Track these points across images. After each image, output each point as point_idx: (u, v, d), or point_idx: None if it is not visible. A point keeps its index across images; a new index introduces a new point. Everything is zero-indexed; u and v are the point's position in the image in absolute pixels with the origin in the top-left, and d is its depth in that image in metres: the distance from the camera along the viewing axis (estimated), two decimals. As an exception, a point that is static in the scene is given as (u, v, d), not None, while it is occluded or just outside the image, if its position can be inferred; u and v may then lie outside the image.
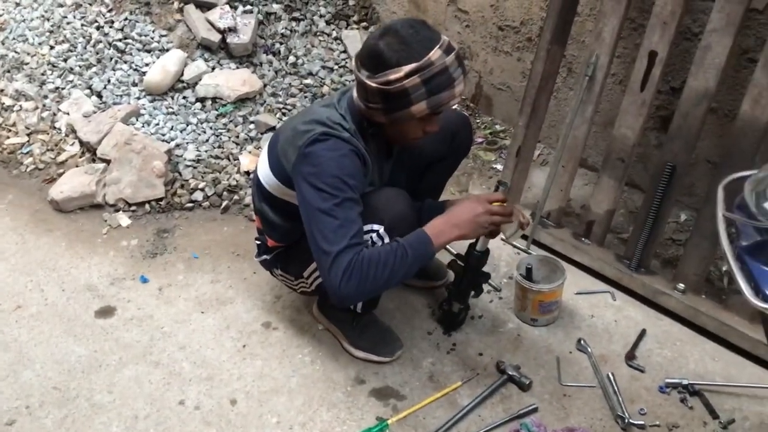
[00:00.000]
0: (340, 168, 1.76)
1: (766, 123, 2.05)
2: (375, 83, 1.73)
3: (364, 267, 1.72)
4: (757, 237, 1.25)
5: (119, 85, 3.21)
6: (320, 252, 1.75)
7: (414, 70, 1.69)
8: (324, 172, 1.75)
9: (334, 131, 1.79)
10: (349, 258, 1.71)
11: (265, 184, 2.00)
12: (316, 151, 1.77)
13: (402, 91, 1.71)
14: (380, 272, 1.73)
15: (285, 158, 1.87)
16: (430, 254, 1.82)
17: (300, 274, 2.09)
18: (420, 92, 1.72)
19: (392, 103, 1.75)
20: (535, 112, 2.61)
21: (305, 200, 1.79)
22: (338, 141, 1.78)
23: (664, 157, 2.29)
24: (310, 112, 1.89)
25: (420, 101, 1.73)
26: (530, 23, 2.98)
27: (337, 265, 1.71)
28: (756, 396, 2.04)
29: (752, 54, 2.30)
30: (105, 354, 2.21)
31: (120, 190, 2.85)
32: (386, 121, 1.81)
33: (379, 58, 1.71)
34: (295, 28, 3.50)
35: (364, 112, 1.84)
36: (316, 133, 1.78)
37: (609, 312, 2.36)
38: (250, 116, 3.17)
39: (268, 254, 2.18)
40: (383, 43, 1.72)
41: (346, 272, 1.71)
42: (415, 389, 2.09)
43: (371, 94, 1.76)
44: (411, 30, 1.72)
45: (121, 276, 2.52)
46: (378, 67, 1.72)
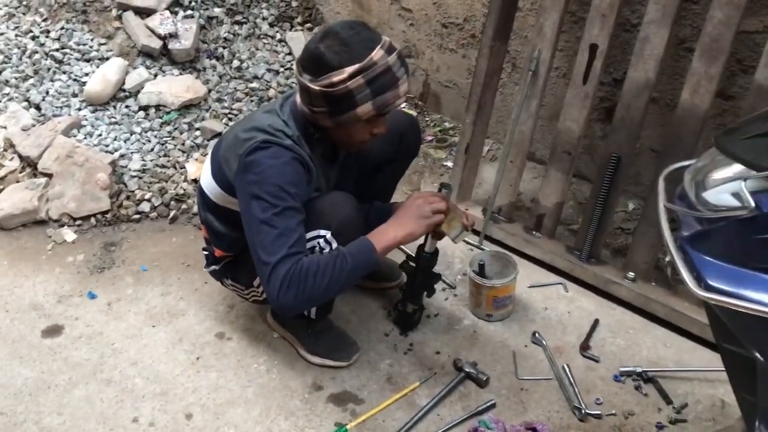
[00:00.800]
0: (282, 176, 1.73)
1: (705, 111, 2.10)
2: (318, 86, 1.70)
3: (302, 276, 1.69)
4: (698, 226, 1.27)
5: (58, 96, 3.12)
6: (260, 263, 1.73)
7: (357, 71, 1.67)
8: (265, 181, 1.72)
9: (276, 139, 1.77)
10: (287, 268, 1.68)
11: (208, 193, 1.97)
12: (258, 160, 1.74)
13: (346, 92, 1.69)
14: (319, 281, 1.70)
15: (227, 166, 1.84)
16: (372, 260, 1.78)
17: (250, 283, 2.06)
18: (364, 93, 1.70)
19: (337, 105, 1.73)
20: (481, 108, 2.62)
21: (245, 209, 1.76)
22: (280, 149, 1.76)
23: (609, 148, 2.32)
24: (251, 119, 1.87)
25: (365, 102, 1.72)
26: (473, 20, 2.99)
27: (275, 275, 1.69)
28: (707, 379, 2.08)
29: (689, 44, 2.34)
30: (53, 374, 2.15)
31: (64, 204, 2.77)
32: (332, 124, 1.79)
33: (321, 61, 1.69)
34: (238, 31, 3.45)
35: (309, 117, 1.81)
36: (257, 141, 1.75)
37: (562, 303, 2.38)
38: (196, 123, 3.11)
39: (217, 264, 2.14)
40: (324, 46, 1.70)
41: (284, 282, 1.68)
42: (373, 392, 2.08)
43: (315, 98, 1.74)
44: (351, 31, 1.70)
45: (67, 293, 2.45)
46: (320, 70, 1.70)
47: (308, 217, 1.80)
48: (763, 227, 1.13)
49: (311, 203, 1.84)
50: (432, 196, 1.92)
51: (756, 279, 1.16)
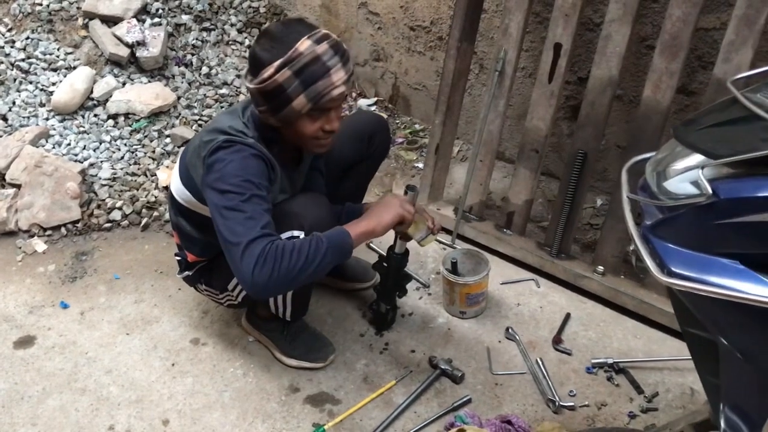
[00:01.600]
0: (244, 169, 1.72)
1: (667, 106, 2.15)
2: (254, 85, 1.74)
3: (277, 254, 1.63)
4: (660, 215, 1.30)
5: (25, 106, 3.09)
6: (229, 245, 1.67)
7: (282, 64, 1.68)
8: (228, 174, 1.70)
9: (237, 138, 1.77)
10: (261, 246, 1.63)
11: (178, 198, 1.97)
12: (220, 157, 1.73)
13: (277, 87, 1.70)
14: (294, 260, 1.64)
15: (194, 171, 1.85)
16: (348, 245, 1.75)
17: (224, 287, 2.07)
18: (294, 85, 1.69)
19: (273, 101, 1.73)
20: (450, 109, 2.65)
21: (212, 205, 1.73)
22: (241, 146, 1.75)
23: (575, 145, 2.36)
24: (213, 122, 1.88)
25: (298, 95, 1.71)
26: (440, 22, 3.02)
27: (249, 253, 1.63)
28: (677, 368, 2.13)
29: (650, 41, 2.39)
30: (27, 385, 2.13)
31: (33, 214, 2.75)
32: (276, 122, 1.79)
33: (255, 59, 1.73)
34: (207, 38, 3.45)
35: (260, 118, 1.84)
36: (219, 141, 1.75)
37: (534, 299, 2.41)
38: (166, 130, 3.11)
39: (190, 270, 2.14)
40: (258, 46, 1.73)
41: (258, 260, 1.62)
42: (350, 392, 2.09)
43: (255, 97, 1.77)
44: (282, 27, 1.74)
45: (39, 303, 2.43)
46: (256, 69, 1.73)
47: (281, 219, 1.80)
48: (721, 213, 1.17)
49: (283, 205, 1.85)
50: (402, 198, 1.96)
51: (716, 264, 1.20)
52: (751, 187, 1.15)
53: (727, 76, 1.96)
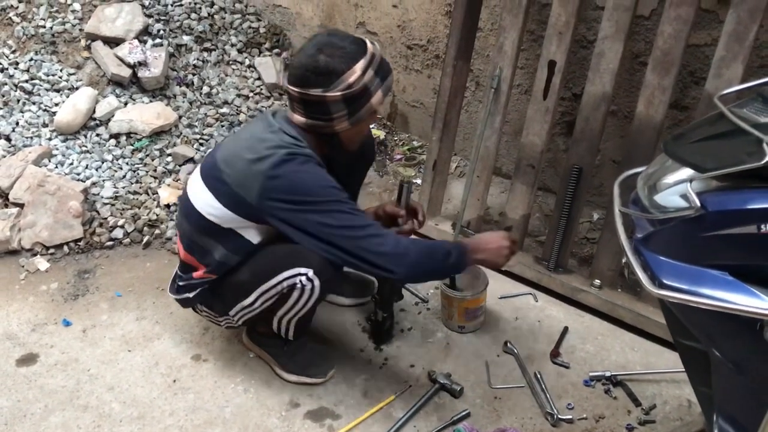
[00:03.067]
0: (320, 177, 1.84)
1: (660, 121, 2.18)
2: (337, 92, 1.79)
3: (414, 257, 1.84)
4: (651, 228, 1.33)
5: (28, 126, 3.13)
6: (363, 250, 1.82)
7: (366, 65, 1.80)
8: (310, 186, 1.81)
9: (298, 150, 1.83)
10: (393, 241, 1.84)
11: (209, 216, 1.92)
12: (288, 173, 1.80)
13: (363, 88, 1.81)
14: (428, 264, 1.89)
15: (244, 189, 1.84)
16: (465, 263, 1.94)
17: (225, 312, 2.07)
18: (376, 83, 1.84)
19: (356, 103, 1.83)
20: (447, 126, 2.69)
21: (310, 224, 1.82)
22: (304, 157, 1.83)
23: (571, 160, 2.40)
24: (259, 141, 1.87)
25: (377, 91, 1.85)
26: (436, 41, 3.07)
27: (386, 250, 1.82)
28: (674, 380, 2.14)
29: (643, 58, 2.43)
30: (29, 403, 2.14)
31: (36, 233, 2.78)
32: (348, 125, 1.87)
33: (327, 69, 1.78)
34: (207, 58, 3.50)
35: (322, 128, 1.87)
36: (281, 155, 1.80)
37: (532, 313, 2.43)
38: (167, 149, 3.14)
39: (191, 292, 2.11)
40: (323, 57, 1.78)
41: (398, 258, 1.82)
42: (350, 407, 2.11)
43: (334, 105, 1.81)
44: (336, 37, 1.83)
45: (42, 321, 2.45)
46: (331, 78, 1.78)
47: (287, 257, 1.89)
48: (710, 225, 1.20)
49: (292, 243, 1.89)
50: (513, 243, 2.03)
51: (706, 275, 1.22)
52: (738, 199, 1.18)
53: (718, 91, 1.99)
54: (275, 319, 2.06)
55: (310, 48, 1.82)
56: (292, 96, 1.86)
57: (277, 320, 2.07)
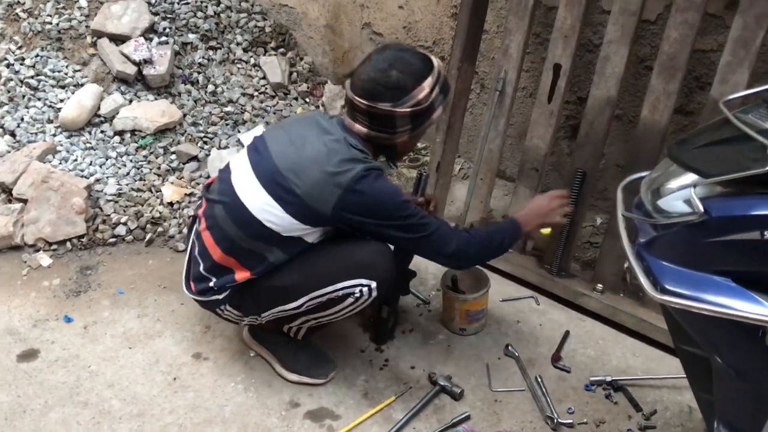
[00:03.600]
0: (394, 192, 1.92)
1: (665, 126, 2.18)
2: (407, 108, 1.85)
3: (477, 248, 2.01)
4: (654, 233, 1.33)
5: (33, 122, 3.13)
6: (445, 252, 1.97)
7: (434, 83, 1.87)
8: (388, 204, 1.88)
9: (372, 164, 1.89)
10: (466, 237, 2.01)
11: (271, 225, 1.89)
12: (367, 187, 1.85)
13: (430, 104, 1.88)
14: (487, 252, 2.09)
15: (318, 202, 1.85)
16: (519, 238, 2.15)
17: (257, 313, 2.05)
18: (440, 99, 1.92)
19: (420, 118, 1.90)
20: (451, 128, 2.69)
21: (386, 235, 1.94)
22: (378, 171, 1.89)
23: (575, 164, 2.39)
24: (330, 153, 1.86)
25: (439, 107, 1.93)
26: (442, 42, 3.07)
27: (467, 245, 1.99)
28: (675, 386, 2.14)
29: (649, 62, 2.42)
30: (29, 398, 2.15)
31: (39, 229, 2.78)
32: (408, 138, 1.95)
33: (397, 85, 1.83)
34: (213, 56, 3.50)
35: (383, 140, 1.93)
36: (360, 170, 1.84)
37: (534, 316, 2.43)
38: (171, 147, 3.14)
39: (221, 294, 2.03)
40: (395, 73, 1.83)
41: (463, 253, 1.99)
42: (350, 408, 2.11)
43: (401, 119, 1.87)
44: (407, 54, 1.88)
45: (43, 317, 2.46)
46: (401, 93, 1.84)
47: (351, 267, 1.93)
48: (713, 231, 1.20)
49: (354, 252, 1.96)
50: (563, 199, 2.20)
51: (709, 281, 1.22)
52: (742, 205, 1.18)
53: (723, 97, 1.98)
54: (301, 319, 2.06)
55: (381, 62, 1.85)
56: (358, 107, 1.87)
57: (301, 321, 2.07)
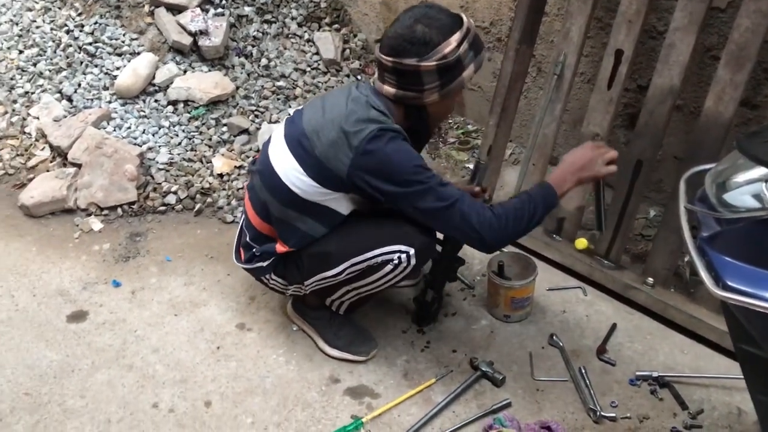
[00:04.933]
0: (408, 155, 1.84)
1: (729, 119, 2.10)
2: (433, 62, 1.79)
3: (508, 223, 1.84)
4: (717, 228, 1.28)
5: (90, 89, 3.19)
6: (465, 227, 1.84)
7: (462, 38, 1.81)
8: (402, 166, 1.81)
9: (387, 125, 1.84)
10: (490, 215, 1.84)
11: (297, 189, 1.90)
12: (380, 148, 1.81)
13: (457, 59, 1.81)
14: (522, 226, 1.88)
15: (336, 162, 1.84)
16: (555, 204, 1.93)
17: (300, 282, 2.06)
18: (469, 56, 1.85)
19: (449, 75, 1.83)
20: (505, 111, 2.64)
21: (403, 195, 1.84)
22: (394, 133, 1.84)
23: (631, 154, 2.33)
24: (349, 113, 1.85)
25: (469, 65, 1.86)
26: (500, 24, 3.01)
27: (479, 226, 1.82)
28: (724, 386, 2.08)
29: (715, 52, 2.34)
30: (77, 358, 2.20)
31: (91, 194, 2.83)
32: (438, 98, 1.87)
33: (423, 40, 1.79)
34: (267, 30, 3.50)
35: (413, 99, 1.88)
36: (373, 130, 1.80)
37: (580, 307, 2.39)
38: (223, 119, 3.16)
39: (265, 261, 2.08)
40: (420, 27, 1.79)
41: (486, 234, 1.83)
42: (389, 387, 2.10)
43: (428, 75, 1.82)
44: (433, 10, 1.84)
45: (93, 280, 2.51)
46: (426, 48, 1.79)
47: (389, 234, 1.94)
48: (783, 228, 1.15)
49: (393, 220, 1.96)
50: (602, 147, 1.97)
51: (774, 280, 1.17)
52: (815, 202, 1.12)
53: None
54: (342, 290, 2.06)
55: (407, 19, 1.82)
56: (385, 66, 1.85)
57: (343, 292, 2.07)
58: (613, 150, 1.97)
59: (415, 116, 1.95)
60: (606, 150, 1.96)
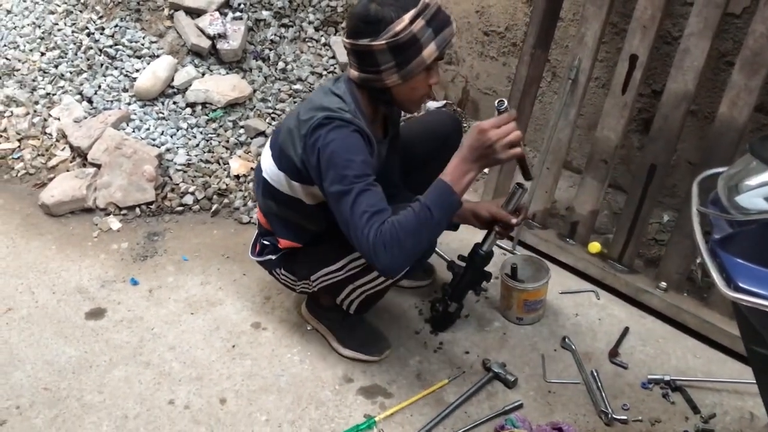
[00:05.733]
0: (347, 148, 1.75)
1: (743, 124, 2.10)
2: (383, 41, 1.72)
3: (394, 240, 1.66)
4: (729, 230, 1.29)
5: (110, 90, 3.24)
6: (350, 236, 1.74)
7: (416, 14, 1.72)
8: (334, 156, 1.74)
9: (335, 114, 1.78)
10: (372, 235, 1.67)
11: (271, 181, 1.97)
12: (322, 136, 1.76)
13: (411, 38, 1.72)
14: (412, 242, 1.68)
15: (291, 150, 1.86)
16: (455, 203, 1.72)
17: (307, 277, 2.09)
18: (427, 34, 1.74)
19: (404, 54, 1.75)
20: (520, 115, 2.65)
21: (324, 186, 1.77)
22: (341, 122, 1.77)
23: (645, 158, 2.34)
24: (308, 102, 1.88)
25: (429, 43, 1.75)
26: (515, 28, 3.03)
27: (366, 244, 1.68)
28: (736, 391, 2.08)
29: (730, 57, 2.35)
30: (95, 355, 2.23)
31: (110, 194, 2.87)
32: (399, 79, 1.79)
33: (376, 17, 1.72)
34: (285, 34, 3.54)
35: (373, 81, 1.82)
36: (318, 118, 1.77)
37: (593, 310, 2.40)
38: (240, 121, 3.20)
39: (274, 254, 2.14)
40: (375, 5, 1.73)
41: (375, 249, 1.67)
42: (402, 387, 2.12)
43: (381, 55, 1.75)
44: None
45: (111, 278, 2.55)
46: (379, 27, 1.72)
47: None
48: (794, 230, 1.16)
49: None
50: (498, 122, 1.70)
51: (786, 282, 1.18)
52: (827, 206, 1.13)
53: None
54: (348, 288, 2.08)
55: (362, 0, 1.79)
56: (347, 49, 1.84)
57: (349, 290, 2.08)
58: (516, 130, 1.70)
59: (380, 100, 1.90)
60: (507, 130, 1.69)
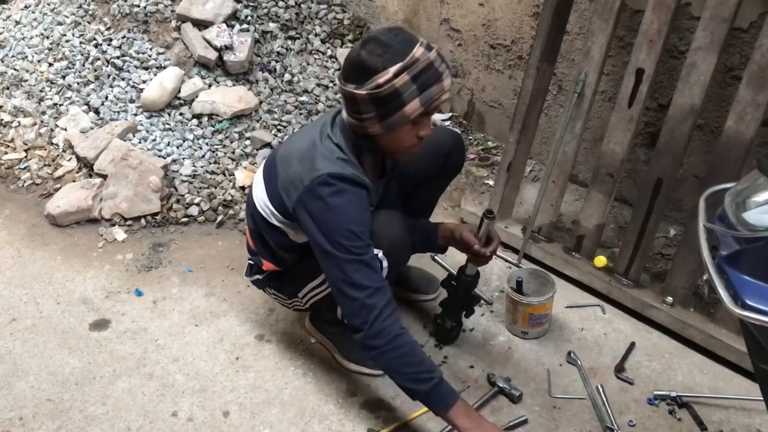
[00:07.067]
0: (348, 217, 1.77)
1: (750, 138, 2.09)
2: (365, 91, 1.69)
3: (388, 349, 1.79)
4: (737, 246, 1.28)
5: (117, 101, 3.25)
6: (342, 301, 1.82)
7: (401, 69, 1.67)
8: (336, 225, 1.76)
9: (338, 171, 1.77)
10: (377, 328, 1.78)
11: (262, 210, 1.97)
12: (323, 199, 1.76)
13: (393, 92, 1.68)
14: (395, 363, 1.82)
15: (286, 195, 1.85)
16: (436, 410, 1.85)
17: (294, 294, 2.11)
18: (411, 90, 1.69)
19: (385, 107, 1.71)
20: (525, 128, 2.65)
21: (319, 248, 1.80)
22: (343, 184, 1.77)
23: (652, 172, 2.33)
24: (311, 147, 1.84)
25: (413, 99, 1.70)
26: (521, 42, 3.03)
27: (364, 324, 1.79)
28: (743, 408, 2.06)
29: (737, 71, 2.34)
30: (99, 366, 2.23)
31: (116, 204, 2.88)
32: (381, 129, 1.76)
33: (364, 66, 1.69)
34: (291, 46, 3.55)
35: (357, 127, 1.80)
36: (323, 175, 1.76)
37: (599, 325, 2.38)
38: (246, 132, 3.21)
39: (261, 274, 2.17)
40: (365, 52, 1.69)
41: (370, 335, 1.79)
42: (406, 401, 2.10)
43: (363, 104, 1.72)
44: (390, 34, 1.72)
45: (116, 289, 2.55)
46: (364, 75, 1.69)
47: None
48: (802, 248, 1.15)
49: None
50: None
51: (793, 300, 1.17)
52: (835, 223, 1.12)
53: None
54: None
55: (360, 42, 1.74)
56: (339, 90, 1.82)
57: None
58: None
59: (364, 146, 1.87)
60: None
